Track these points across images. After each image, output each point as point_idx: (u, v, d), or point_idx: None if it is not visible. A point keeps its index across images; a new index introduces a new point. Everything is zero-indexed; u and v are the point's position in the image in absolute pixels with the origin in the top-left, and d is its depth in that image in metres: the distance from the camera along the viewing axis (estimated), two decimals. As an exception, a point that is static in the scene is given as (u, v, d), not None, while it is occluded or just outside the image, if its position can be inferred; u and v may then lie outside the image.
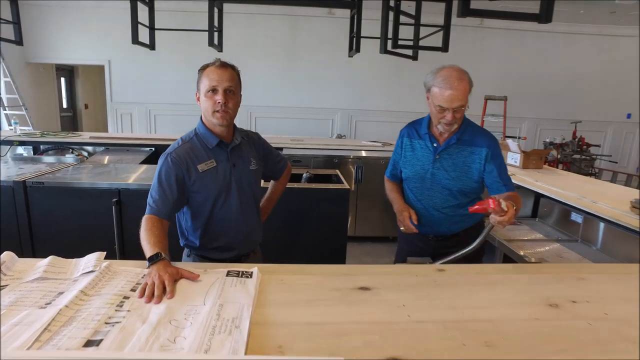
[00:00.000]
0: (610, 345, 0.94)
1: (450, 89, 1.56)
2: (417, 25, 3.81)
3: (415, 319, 1.02)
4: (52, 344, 0.83)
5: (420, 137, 1.81)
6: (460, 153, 1.73)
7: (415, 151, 1.82)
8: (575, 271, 1.39)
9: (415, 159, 1.81)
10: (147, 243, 1.27)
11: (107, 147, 4.30)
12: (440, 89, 1.58)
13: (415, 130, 1.85)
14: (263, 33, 6.72)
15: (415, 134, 1.84)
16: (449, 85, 1.56)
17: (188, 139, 1.53)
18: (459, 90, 1.56)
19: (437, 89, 1.60)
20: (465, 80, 1.59)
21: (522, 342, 0.93)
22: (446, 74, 1.59)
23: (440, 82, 1.58)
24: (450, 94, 1.57)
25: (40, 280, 1.11)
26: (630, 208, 2.15)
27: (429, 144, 1.78)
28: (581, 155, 5.80)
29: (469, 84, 1.61)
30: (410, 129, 1.87)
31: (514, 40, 7.16)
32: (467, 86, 1.60)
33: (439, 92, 1.59)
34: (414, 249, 1.89)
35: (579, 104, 7.47)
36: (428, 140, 1.78)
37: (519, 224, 2.97)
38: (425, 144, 1.79)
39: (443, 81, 1.58)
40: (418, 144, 1.82)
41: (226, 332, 0.90)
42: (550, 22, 2.06)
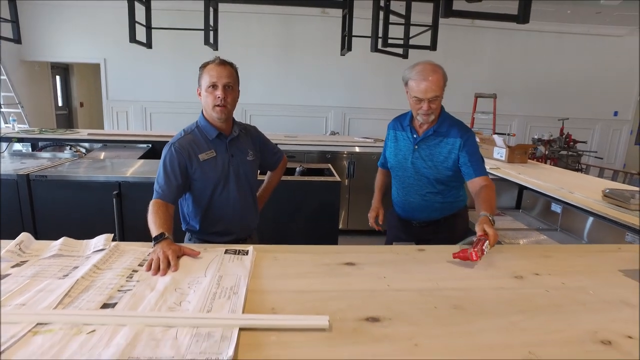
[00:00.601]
0: (562, 307, 1.07)
1: (424, 80, 1.69)
2: (407, 25, 3.94)
3: (394, 287, 1.15)
4: (73, 305, 0.95)
5: (403, 129, 1.95)
6: (437, 144, 1.86)
7: (398, 142, 1.96)
8: (543, 251, 1.52)
9: (398, 149, 1.95)
10: (153, 224, 1.40)
11: (104, 143, 4.39)
12: (416, 81, 1.71)
13: (399, 123, 1.98)
14: (258, 32, 6.83)
15: (400, 126, 1.98)
16: (423, 77, 1.69)
17: (190, 131, 1.65)
18: (432, 82, 1.69)
19: (413, 81, 1.72)
20: (439, 73, 1.72)
21: (486, 306, 1.06)
22: (421, 68, 1.72)
23: (415, 75, 1.71)
24: (425, 86, 1.69)
25: (56, 257, 1.22)
26: (602, 197, 2.29)
27: (409, 135, 1.91)
28: (568, 151, 5.97)
29: (443, 77, 1.73)
30: (396, 122, 2.01)
31: (504, 40, 7.32)
32: (441, 78, 1.72)
33: (415, 84, 1.72)
34: (400, 235, 2.03)
35: (567, 102, 7.64)
36: (409, 131, 1.91)
37: (503, 215, 3.11)
38: (406, 135, 1.93)
39: (418, 74, 1.71)
40: (401, 135, 1.95)
41: (225, 297, 1.02)
42: (527, 22, 2.19)
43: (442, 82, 1.73)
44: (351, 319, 0.96)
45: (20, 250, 1.24)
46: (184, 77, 6.67)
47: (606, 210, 2.16)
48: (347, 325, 0.94)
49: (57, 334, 0.83)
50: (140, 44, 3.92)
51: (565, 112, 7.31)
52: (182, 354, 0.78)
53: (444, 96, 1.79)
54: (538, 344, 0.89)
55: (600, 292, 1.17)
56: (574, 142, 6.12)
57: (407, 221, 2.02)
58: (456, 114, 1.99)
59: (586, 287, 1.20)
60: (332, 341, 0.87)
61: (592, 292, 1.17)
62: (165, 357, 0.77)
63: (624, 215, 2.09)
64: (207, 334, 0.85)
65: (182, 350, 0.79)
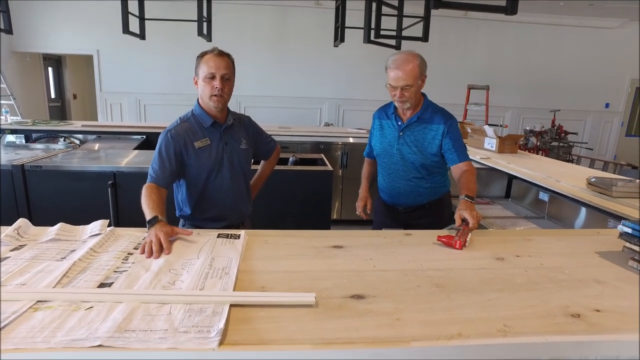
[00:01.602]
0: (538, 285, 1.13)
1: (397, 69, 1.77)
2: (399, 16, 3.96)
3: (379, 268, 1.20)
4: (71, 285, 0.99)
5: (388, 117, 2.02)
6: (421, 130, 1.93)
7: (383, 130, 2.03)
8: (526, 234, 1.58)
9: (384, 136, 2.02)
10: (146, 207, 1.45)
11: (98, 135, 4.39)
12: (391, 69, 1.80)
13: (384, 112, 2.06)
14: (251, 23, 6.81)
15: (384, 115, 2.05)
16: (397, 66, 1.77)
17: (186, 119, 1.69)
18: (404, 71, 1.76)
19: (389, 70, 1.81)
20: (414, 63, 1.78)
21: (467, 284, 1.12)
22: (396, 57, 1.80)
23: (391, 64, 1.80)
24: (396, 74, 1.78)
25: (53, 241, 1.26)
26: (587, 185, 2.35)
27: (394, 122, 1.99)
28: (559, 142, 6.04)
29: (419, 67, 1.79)
30: (381, 112, 2.08)
31: (497, 31, 7.34)
32: (415, 68, 1.78)
33: (390, 72, 1.81)
34: (387, 221, 2.10)
35: (560, 94, 7.71)
36: (394, 119, 1.99)
37: (493, 204, 3.18)
38: (391, 123, 2.00)
39: (393, 63, 1.79)
40: (386, 124, 2.02)
41: (217, 277, 1.07)
42: (515, 14, 2.23)
43: (417, 71, 1.79)
44: (337, 297, 1.02)
45: (19, 235, 1.28)
46: (178, 68, 6.65)
47: (590, 197, 2.23)
48: (333, 302, 0.99)
49: (57, 310, 0.88)
50: (134, 36, 3.91)
51: (557, 104, 7.38)
52: (175, 327, 0.83)
53: (438, 85, 1.86)
54: (512, 317, 0.95)
55: (576, 271, 1.23)
56: (565, 133, 6.19)
57: (393, 207, 2.09)
58: (449, 105, 2.05)
59: (563, 267, 1.26)
60: (318, 316, 0.92)
61: (567, 271, 1.23)
62: (160, 329, 0.82)
63: (607, 202, 2.15)
64: (200, 310, 0.90)
65: (176, 323, 0.84)
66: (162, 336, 0.79)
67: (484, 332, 0.89)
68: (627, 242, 1.31)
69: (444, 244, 1.39)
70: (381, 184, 2.11)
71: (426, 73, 1.86)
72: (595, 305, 1.03)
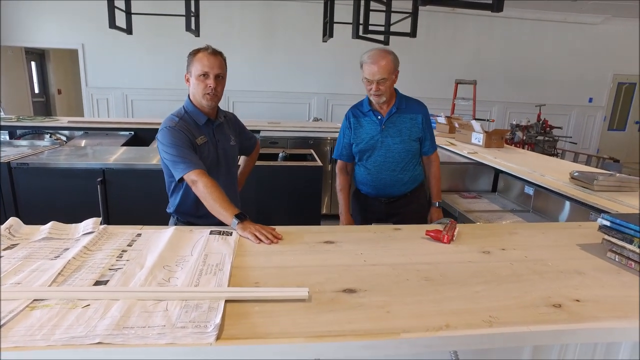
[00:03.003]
0: (522, 276, 1.17)
1: (374, 64, 1.88)
2: (388, 12, 3.98)
3: (369, 263, 1.23)
4: (67, 283, 1.00)
5: (365, 114, 2.10)
6: (402, 120, 2.06)
7: (363, 127, 2.10)
8: (511, 228, 1.63)
9: (365, 133, 2.09)
10: (223, 201, 1.47)
11: (85, 131, 4.35)
12: (366, 64, 1.90)
13: (358, 110, 2.13)
14: (240, 18, 6.76)
15: (360, 113, 2.12)
16: (373, 61, 1.88)
17: (181, 115, 1.68)
18: (380, 66, 1.87)
19: (365, 65, 1.91)
20: (388, 58, 1.88)
21: (454, 277, 1.16)
22: (372, 53, 1.90)
23: (367, 59, 1.90)
24: (372, 69, 1.88)
25: (46, 240, 1.26)
26: (570, 179, 2.42)
27: (373, 118, 2.07)
28: (544, 136, 6.16)
29: (393, 62, 1.90)
30: (354, 110, 2.15)
31: (484, 27, 7.42)
32: (390, 63, 1.89)
33: (366, 67, 1.91)
34: (369, 217, 2.18)
35: (545, 88, 7.84)
36: (372, 115, 2.07)
37: (480, 198, 3.24)
38: (370, 119, 2.08)
39: (369, 58, 1.89)
40: (364, 121, 2.10)
41: (211, 273, 1.09)
42: (501, 11, 2.27)
43: (391, 66, 1.90)
44: (329, 291, 1.05)
45: (10, 234, 1.28)
46: (166, 63, 6.59)
47: (573, 191, 2.30)
48: (326, 296, 1.02)
49: (54, 308, 0.89)
50: (120, 30, 3.86)
51: (543, 99, 7.51)
52: (172, 323, 0.85)
53: (425, 80, 1.95)
54: (497, 308, 0.99)
55: (558, 263, 1.28)
56: (550, 127, 6.31)
57: (376, 199, 2.17)
58: (437, 100, 2.14)
59: (546, 259, 1.31)
60: (311, 310, 0.95)
61: (550, 263, 1.28)
62: (157, 325, 0.84)
63: (589, 195, 2.22)
64: (196, 306, 0.92)
65: (173, 319, 0.86)
66: (160, 332, 0.81)
67: (470, 323, 0.93)
68: (606, 235, 1.37)
69: (433, 238, 1.43)
70: (364, 179, 2.16)
71: (399, 69, 1.97)
72: (575, 295, 1.08)
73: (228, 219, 1.43)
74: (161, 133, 1.65)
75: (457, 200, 3.15)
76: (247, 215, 1.46)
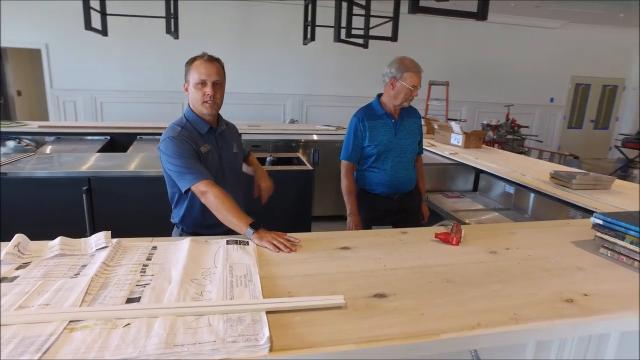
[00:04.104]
0: (532, 274, 1.25)
1: (419, 72, 2.10)
2: (367, 16, 4.05)
3: (390, 267, 1.28)
4: (97, 302, 0.98)
5: (379, 117, 2.22)
6: (409, 123, 2.28)
7: (377, 129, 2.21)
8: (509, 228, 1.73)
9: (381, 135, 2.21)
10: (236, 211, 1.48)
11: (57, 136, 4.15)
12: (412, 72, 2.07)
13: (371, 113, 2.23)
14: (217, 20, 6.65)
15: (373, 116, 2.22)
16: (418, 70, 2.09)
17: (182, 124, 1.66)
18: (421, 74, 2.12)
19: (412, 72, 2.07)
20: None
21: (472, 278, 1.22)
22: (412, 61, 2.09)
23: (412, 67, 2.08)
24: (417, 77, 2.09)
25: (60, 257, 1.22)
26: (550, 178, 2.58)
27: (388, 121, 2.22)
28: (513, 135, 6.46)
29: None
30: (366, 113, 2.23)
31: (455, 30, 7.68)
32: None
33: (415, 74, 2.08)
34: (380, 208, 2.31)
35: (511, 89, 8.22)
36: (387, 119, 2.22)
37: (463, 197, 3.38)
38: (384, 122, 2.22)
39: (414, 66, 2.08)
40: (379, 123, 2.21)
41: (242, 285, 1.10)
42: (485, 19, 2.40)
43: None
44: (361, 297, 1.08)
45: (20, 252, 1.23)
46: (139, 65, 6.39)
47: (553, 190, 2.44)
48: (359, 302, 1.05)
49: (94, 329, 0.87)
50: (96, 32, 3.72)
51: (510, 99, 7.87)
52: (222, 338, 0.85)
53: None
54: (518, 306, 1.06)
55: (559, 260, 1.38)
56: (518, 127, 6.62)
57: (388, 197, 2.29)
58: (412, 101, 2.24)
59: (548, 257, 1.40)
60: (350, 316, 0.98)
61: (553, 261, 1.37)
62: (207, 341, 0.84)
63: (568, 194, 2.37)
64: (238, 319, 0.93)
65: (221, 334, 0.87)
66: (213, 347, 0.82)
67: (498, 320, 0.99)
68: (599, 232, 1.48)
69: (442, 240, 1.49)
70: (380, 179, 2.25)
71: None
72: (582, 290, 1.17)
73: (242, 228, 1.44)
74: (164, 143, 1.62)
75: (442, 200, 3.27)
76: (260, 223, 1.46)
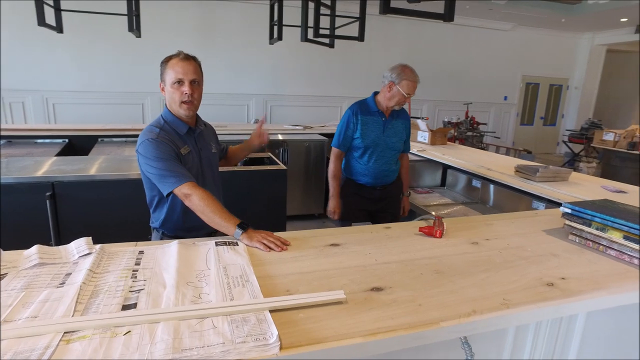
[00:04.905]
0: (513, 262, 1.33)
1: (416, 81, 2.29)
2: (332, 16, 4.09)
3: (381, 261, 1.31)
4: (92, 311, 0.94)
5: (372, 114, 2.39)
6: (397, 123, 2.44)
7: (368, 125, 2.38)
8: (485, 220, 1.82)
9: (370, 130, 2.37)
10: (221, 213, 1.45)
11: (8, 140, 3.88)
12: (412, 82, 2.26)
13: (365, 108, 2.40)
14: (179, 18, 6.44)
15: (367, 112, 2.39)
16: (416, 79, 2.28)
17: (160, 126, 1.60)
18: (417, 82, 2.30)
19: (410, 81, 2.25)
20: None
21: (460, 268, 1.28)
22: (412, 71, 2.28)
23: (411, 77, 2.25)
24: (414, 85, 2.27)
25: (39, 266, 1.15)
26: (515, 172, 2.73)
27: (378, 119, 2.39)
28: (473, 132, 6.75)
29: None
30: (361, 107, 2.40)
31: (414, 30, 7.90)
32: None
33: (412, 83, 2.26)
34: (365, 196, 2.48)
35: (469, 87, 8.57)
36: (378, 116, 2.39)
37: (432, 192, 3.50)
38: (375, 119, 2.39)
39: (412, 76, 2.26)
40: (370, 119, 2.38)
41: (240, 285, 1.09)
42: (452, 20, 2.49)
43: None
44: (359, 291, 1.10)
45: (-5, 263, 1.14)
46: (95, 65, 6.07)
47: (519, 183, 2.59)
48: (358, 296, 1.07)
49: (93, 338, 0.83)
50: (50, 28, 3.50)
51: (467, 97, 8.21)
52: (230, 339, 0.84)
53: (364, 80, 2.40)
54: (506, 292, 1.12)
55: (535, 248, 1.47)
56: (477, 124, 6.93)
57: (373, 187, 2.47)
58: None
59: (524, 245, 1.49)
60: (351, 310, 1.00)
61: (529, 249, 1.46)
62: (216, 344, 0.83)
63: (532, 186, 2.53)
64: (243, 319, 0.92)
65: (228, 336, 0.85)
66: (223, 349, 0.81)
67: (490, 307, 1.04)
68: (567, 220, 1.59)
69: (426, 234, 1.55)
70: (365, 170, 2.43)
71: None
72: (559, 274, 1.26)
73: (230, 229, 1.42)
74: (142, 146, 1.56)
75: (413, 195, 3.36)
76: (248, 223, 1.45)
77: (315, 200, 4.71)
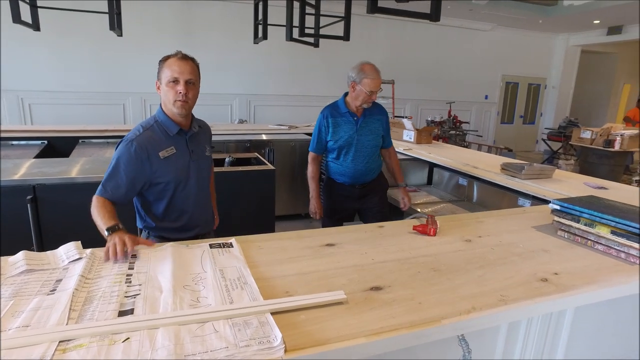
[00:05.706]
0: (506, 259, 1.35)
1: (376, 78, 2.22)
2: (317, 15, 4.08)
3: (378, 260, 1.31)
4: (87, 318, 0.91)
5: (342, 115, 2.40)
6: (372, 121, 2.43)
7: (339, 126, 2.39)
8: (476, 217, 1.84)
9: (342, 131, 2.39)
10: (101, 218, 1.38)
11: (-17, 142, 3.73)
12: (370, 79, 2.21)
13: (335, 111, 2.41)
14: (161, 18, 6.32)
15: (337, 114, 2.40)
16: (375, 76, 2.22)
17: (148, 126, 1.58)
18: (380, 79, 2.25)
19: (370, 79, 2.21)
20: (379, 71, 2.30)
21: (456, 266, 1.29)
22: (371, 68, 2.21)
23: (371, 74, 2.20)
24: (376, 82, 2.23)
25: (27, 273, 1.11)
26: (501, 170, 2.78)
27: (350, 119, 2.38)
28: (456, 131, 6.85)
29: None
30: (332, 110, 2.42)
31: (397, 30, 7.97)
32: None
33: (372, 81, 2.21)
34: (345, 195, 2.51)
35: (451, 87, 8.70)
36: (349, 116, 2.39)
37: (419, 191, 3.53)
38: (347, 119, 2.39)
39: (372, 73, 2.21)
40: (341, 121, 2.39)
41: (238, 288, 1.07)
42: (438, 20, 2.52)
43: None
44: (358, 291, 1.10)
45: (-22, 271, 1.09)
46: (72, 64, 5.90)
47: (505, 180, 2.64)
48: (358, 296, 1.07)
49: (91, 347, 0.80)
50: (26, 26, 3.38)
51: (450, 96, 8.33)
52: (233, 343, 0.83)
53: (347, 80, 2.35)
54: (503, 288, 1.14)
55: (526, 244, 1.49)
56: (460, 122, 7.04)
57: (351, 186, 2.49)
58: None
59: (516, 242, 1.51)
60: (352, 310, 1.00)
61: (521, 245, 1.48)
62: (219, 348, 0.81)
63: (518, 183, 2.57)
64: (244, 323, 0.90)
65: (231, 340, 0.84)
66: (227, 354, 0.79)
67: (489, 303, 1.05)
68: (556, 217, 1.63)
69: (420, 232, 1.56)
70: (342, 170, 2.46)
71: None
72: (552, 269, 1.28)
73: (103, 231, 1.36)
74: (120, 143, 1.57)
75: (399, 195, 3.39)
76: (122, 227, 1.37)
77: (302, 200, 4.69)
